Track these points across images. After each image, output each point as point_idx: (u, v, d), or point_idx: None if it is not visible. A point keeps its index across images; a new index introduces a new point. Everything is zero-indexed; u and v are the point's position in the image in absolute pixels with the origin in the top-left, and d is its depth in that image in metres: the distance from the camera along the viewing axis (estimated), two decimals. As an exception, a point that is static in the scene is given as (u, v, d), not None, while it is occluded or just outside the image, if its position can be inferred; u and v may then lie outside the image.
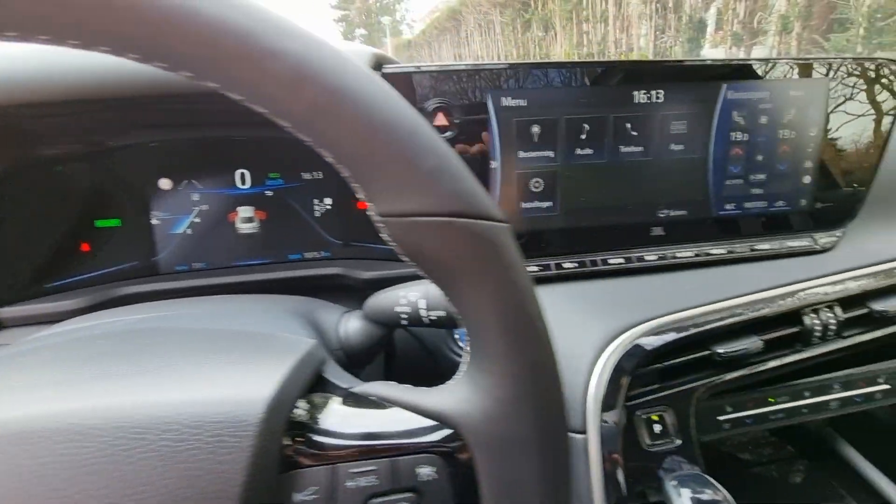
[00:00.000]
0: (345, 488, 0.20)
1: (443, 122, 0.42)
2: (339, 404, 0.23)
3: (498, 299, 0.19)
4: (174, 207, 0.51)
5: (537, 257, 0.47)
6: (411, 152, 0.17)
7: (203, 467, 0.18)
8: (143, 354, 0.23)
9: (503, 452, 0.20)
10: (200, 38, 0.16)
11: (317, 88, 0.16)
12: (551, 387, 0.20)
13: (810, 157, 0.48)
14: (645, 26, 6.22)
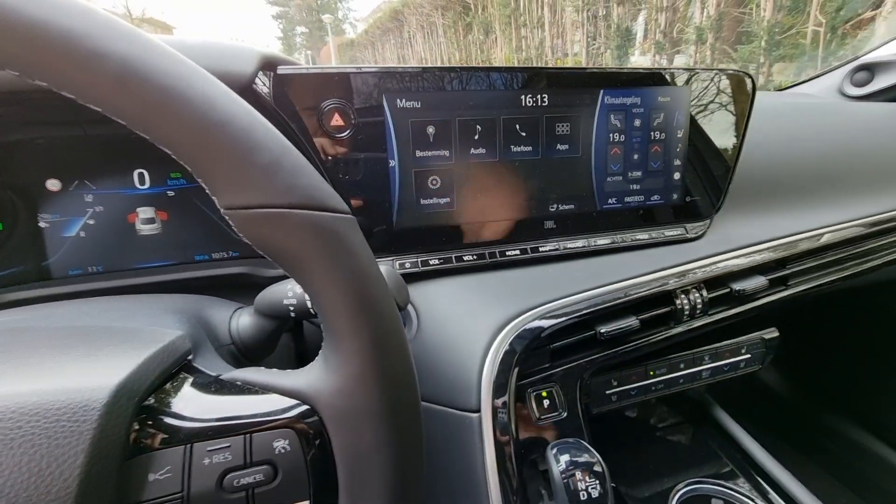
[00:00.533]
0: (200, 465, 0.21)
1: (339, 122, 0.43)
2: (196, 389, 0.24)
3: (340, 284, 0.21)
4: (65, 209, 0.48)
5: (439, 251, 0.49)
6: (247, 148, 0.19)
7: (39, 453, 0.18)
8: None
9: (353, 424, 0.22)
10: (26, 37, 0.17)
11: (144, 88, 0.17)
12: (397, 361, 0.23)
13: (678, 157, 0.54)
14: (579, 33, 6.52)
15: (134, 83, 0.17)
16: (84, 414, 0.19)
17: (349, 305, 0.21)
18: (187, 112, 0.18)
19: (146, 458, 0.21)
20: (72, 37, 0.17)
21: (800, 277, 0.58)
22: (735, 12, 4.49)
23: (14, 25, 0.16)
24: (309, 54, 39.44)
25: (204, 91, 0.19)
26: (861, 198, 0.67)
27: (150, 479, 0.21)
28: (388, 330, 0.22)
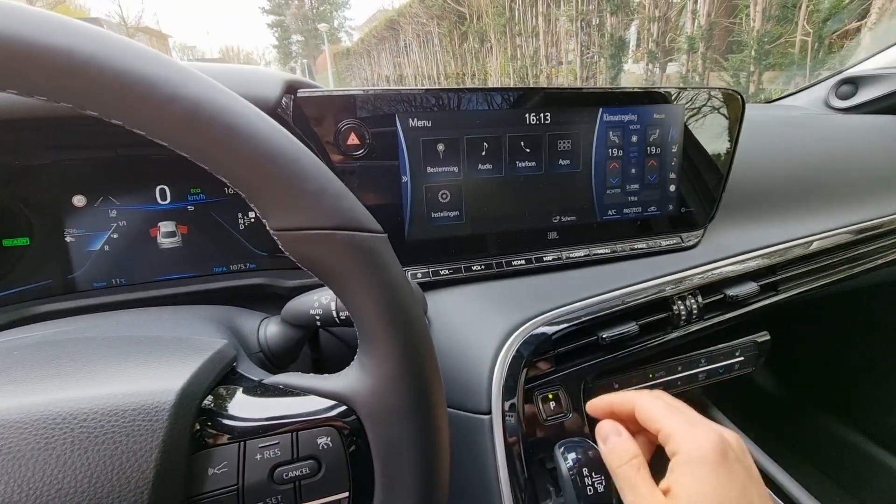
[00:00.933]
0: (253, 461, 0.24)
1: (355, 141, 0.46)
2: (245, 393, 0.26)
3: (376, 295, 0.23)
4: (90, 224, 0.51)
5: (448, 261, 0.52)
6: (296, 177, 0.21)
7: (120, 449, 0.20)
8: (60, 360, 0.25)
9: (387, 420, 0.25)
10: (112, 85, 0.19)
11: (210, 127, 0.20)
12: (426, 364, 0.25)
13: (673, 170, 0.57)
14: (573, 42, 6.62)
15: (201, 123, 0.20)
16: (156, 414, 0.21)
17: (384, 314, 0.23)
18: (245, 148, 0.21)
19: (206, 453, 0.23)
20: (152, 83, 0.19)
21: (789, 283, 0.61)
22: (725, 22, 4.58)
23: (102, 74, 0.19)
24: (305, 62, 39.65)
25: (258, 127, 0.22)
26: (846, 206, 0.70)
27: (209, 473, 0.23)
28: (418, 336, 0.24)
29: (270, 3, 43.44)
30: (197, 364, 0.25)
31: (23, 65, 0.18)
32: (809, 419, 0.97)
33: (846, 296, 0.88)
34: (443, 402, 0.27)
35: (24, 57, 0.18)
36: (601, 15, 6.04)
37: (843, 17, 3.52)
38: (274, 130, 0.22)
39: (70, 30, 0.19)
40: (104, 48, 0.19)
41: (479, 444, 0.43)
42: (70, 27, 0.19)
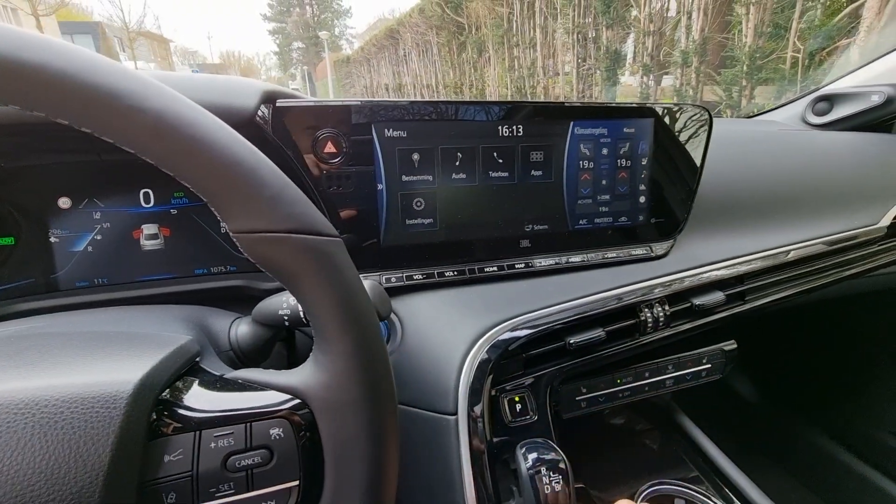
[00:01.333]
0: (207, 449, 0.25)
1: (332, 149, 0.48)
2: (203, 387, 0.28)
3: (329, 295, 0.25)
4: (74, 225, 0.52)
5: (422, 267, 0.53)
6: (253, 184, 0.23)
7: (78, 434, 0.22)
8: (28, 352, 0.26)
9: (337, 414, 0.26)
10: (80, 96, 0.21)
11: (173, 136, 0.22)
12: (376, 361, 0.27)
13: (643, 182, 0.59)
14: (570, 54, 6.70)
15: (165, 133, 0.22)
16: (114, 402, 0.23)
17: (336, 313, 0.25)
18: (205, 156, 0.22)
19: (162, 441, 0.25)
20: (116, 95, 0.21)
21: (757, 293, 0.63)
22: (718, 37, 4.66)
23: (72, 86, 0.21)
24: (305, 69, 39.90)
25: (218, 137, 0.23)
26: (817, 219, 0.73)
27: (165, 460, 0.24)
28: (368, 335, 0.26)
29: (272, 11, 43.80)
30: (158, 358, 0.26)
31: (1, 77, 0.20)
32: (785, 427, 0.99)
33: (822, 306, 0.90)
34: (392, 397, 0.28)
35: (2, 70, 0.20)
36: (597, 28, 6.13)
37: (833, 34, 3.60)
38: (233, 140, 0.24)
39: (44, 46, 0.21)
40: (74, 63, 0.21)
41: (445, 444, 0.44)
42: (44, 44, 0.21)
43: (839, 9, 3.76)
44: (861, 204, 0.76)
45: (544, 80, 7.48)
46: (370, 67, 16.78)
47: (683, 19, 4.90)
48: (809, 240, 0.69)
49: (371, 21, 42.37)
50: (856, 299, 0.84)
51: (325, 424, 0.26)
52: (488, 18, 8.34)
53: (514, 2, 7.52)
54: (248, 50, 75.05)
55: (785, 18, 3.98)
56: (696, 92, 4.88)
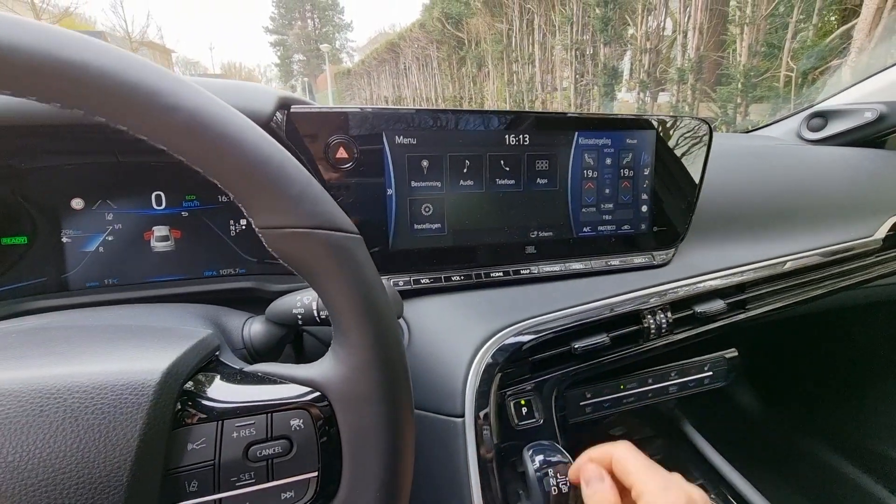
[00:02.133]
0: (229, 438, 0.26)
1: (343, 155, 0.49)
2: (225, 379, 0.29)
3: (349, 289, 0.26)
4: (86, 226, 0.53)
5: (430, 271, 0.54)
6: (280, 181, 0.24)
7: (107, 419, 0.22)
8: (55, 342, 0.27)
9: (355, 406, 0.27)
10: (119, 93, 0.22)
11: (205, 135, 0.23)
12: (394, 355, 0.27)
13: (646, 191, 0.61)
14: (567, 70, 6.82)
15: (198, 131, 0.23)
16: (142, 390, 0.23)
17: (356, 308, 0.26)
18: (235, 154, 0.23)
19: (185, 430, 0.25)
20: (154, 94, 0.22)
21: (757, 301, 0.64)
22: (714, 56, 4.76)
23: (110, 85, 0.22)
24: (305, 81, 40.33)
25: (248, 136, 0.24)
26: (814, 231, 0.74)
27: (188, 448, 0.25)
28: (386, 329, 0.27)
29: (274, 23, 44.35)
30: (182, 349, 0.27)
31: (43, 75, 0.21)
32: (789, 439, 0.99)
33: (822, 317, 0.91)
34: (409, 391, 0.29)
35: (45, 68, 0.21)
36: (595, 45, 6.24)
37: (825, 54, 3.68)
38: (262, 139, 0.25)
39: (85, 45, 0.22)
40: (114, 62, 0.22)
41: (452, 446, 0.44)
42: (85, 43, 0.22)
43: (830, 30, 3.86)
44: (856, 217, 0.78)
45: (542, 94, 7.58)
46: (370, 80, 16.96)
47: (679, 38, 5.00)
48: (807, 251, 0.70)
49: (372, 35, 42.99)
50: (853, 310, 0.85)
51: (343, 416, 0.27)
52: (488, 34, 8.48)
53: (513, 18, 7.65)
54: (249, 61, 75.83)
55: (778, 38, 4.07)
56: (692, 108, 4.97)
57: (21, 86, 0.21)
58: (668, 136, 0.61)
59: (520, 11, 7.41)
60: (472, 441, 0.44)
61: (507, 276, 0.56)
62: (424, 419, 0.46)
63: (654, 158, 0.60)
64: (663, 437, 0.70)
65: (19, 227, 0.50)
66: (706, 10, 4.67)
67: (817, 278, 0.70)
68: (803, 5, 3.82)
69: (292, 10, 43.67)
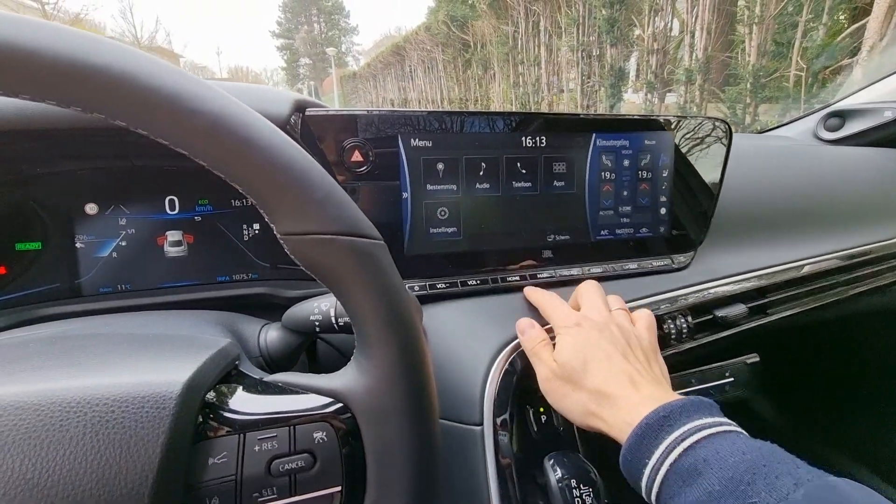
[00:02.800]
0: (251, 452, 0.25)
1: (358, 158, 0.48)
2: (246, 390, 0.28)
3: (374, 298, 0.25)
4: (100, 231, 0.52)
5: (445, 275, 0.53)
6: (303, 187, 0.23)
7: (129, 433, 0.22)
8: (74, 352, 0.26)
9: (381, 419, 0.26)
10: (141, 97, 0.21)
11: (228, 139, 0.22)
12: (419, 366, 0.26)
13: (664, 194, 0.59)
14: (574, 71, 6.80)
15: (221, 136, 0.22)
16: (163, 403, 0.23)
17: (381, 316, 0.25)
18: (259, 159, 0.23)
19: (207, 444, 0.25)
20: (177, 98, 0.22)
21: (779, 306, 0.63)
22: (722, 56, 4.72)
23: (134, 90, 0.21)
24: (312, 84, 40.58)
25: (271, 141, 0.23)
26: (833, 233, 0.72)
27: (209, 463, 0.24)
28: (412, 338, 0.26)
29: (281, 27, 44.70)
30: (202, 359, 0.26)
31: (63, 79, 0.20)
32: (804, 446, 0.97)
33: (843, 322, 0.89)
34: (435, 403, 0.28)
35: (65, 72, 0.20)
36: (601, 46, 6.22)
37: (835, 53, 3.64)
38: (285, 143, 0.24)
39: (107, 49, 0.21)
40: (136, 65, 0.21)
41: (470, 455, 0.43)
42: (107, 46, 0.21)
43: (841, 29, 3.81)
44: (877, 219, 0.76)
45: (549, 96, 7.56)
46: (376, 83, 17.03)
47: (687, 38, 4.97)
48: (828, 253, 0.68)
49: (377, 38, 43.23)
50: (878, 317, 0.83)
51: (368, 429, 0.26)
52: (493, 36, 8.48)
53: (518, 20, 7.65)
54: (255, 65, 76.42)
55: (787, 38, 4.03)
56: (700, 109, 4.93)
57: (41, 90, 0.21)
58: (686, 136, 0.59)
59: (525, 13, 7.40)
60: (492, 450, 0.43)
61: (523, 280, 0.55)
62: (442, 427, 0.45)
63: (672, 160, 0.59)
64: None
65: (33, 232, 0.50)
66: (713, 10, 4.64)
67: (839, 282, 0.68)
68: (813, 4, 3.78)
69: (298, 14, 43.98)
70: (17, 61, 0.19)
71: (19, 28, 0.19)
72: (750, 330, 0.61)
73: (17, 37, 0.19)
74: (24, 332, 0.34)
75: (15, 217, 0.49)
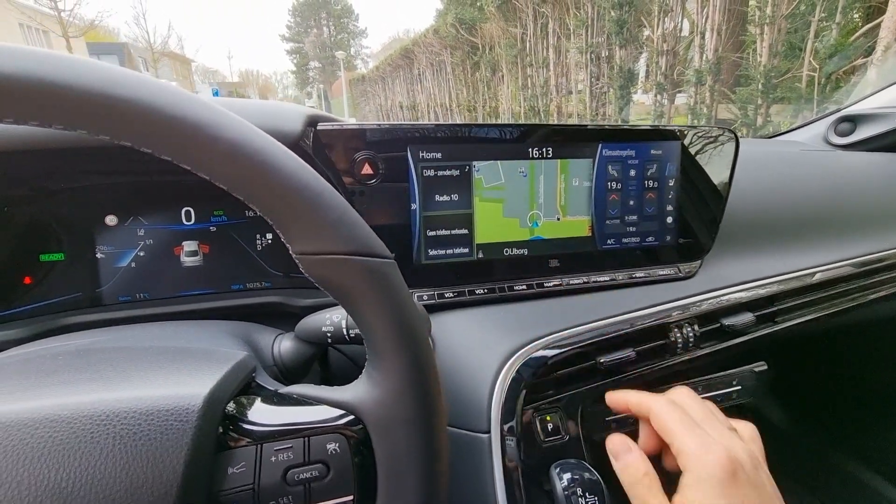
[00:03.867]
0: (268, 462, 0.26)
1: (369, 170, 0.49)
2: (263, 402, 0.29)
3: (385, 314, 0.26)
4: (119, 242, 0.54)
5: (454, 285, 0.54)
6: (318, 209, 0.25)
7: (154, 445, 0.23)
8: (101, 365, 0.28)
9: (391, 430, 0.27)
10: (165, 126, 0.23)
11: (246, 164, 0.23)
12: (429, 379, 0.27)
13: (671, 203, 0.60)
14: (583, 73, 6.78)
15: (240, 161, 0.23)
16: (186, 415, 0.24)
17: (392, 332, 0.26)
18: (276, 183, 0.24)
19: (227, 454, 0.26)
20: (198, 126, 0.23)
21: (787, 314, 0.63)
22: (733, 57, 4.68)
23: (158, 120, 0.22)
24: (321, 87, 40.93)
25: (287, 165, 0.25)
26: (844, 240, 0.72)
27: (229, 472, 0.25)
28: (422, 352, 0.27)
29: (290, 31, 45.11)
30: (222, 372, 0.28)
31: (95, 112, 0.22)
32: (816, 452, 0.96)
33: (855, 329, 0.89)
34: (444, 415, 0.29)
35: (97, 105, 0.21)
36: (610, 48, 6.19)
37: (849, 54, 3.59)
38: (300, 167, 0.25)
39: (132, 81, 0.22)
40: (160, 97, 0.23)
41: (478, 462, 0.44)
42: (131, 79, 0.23)
43: (854, 28, 3.76)
44: (889, 225, 0.76)
45: (557, 98, 7.55)
46: (385, 86, 17.12)
47: (697, 39, 4.93)
48: (838, 261, 0.68)
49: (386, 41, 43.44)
50: (891, 323, 0.82)
51: (378, 440, 0.27)
52: (502, 39, 8.49)
53: (527, 22, 7.65)
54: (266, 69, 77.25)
55: (800, 38, 3.98)
56: (711, 110, 4.88)
57: (73, 121, 0.22)
58: (693, 146, 0.60)
59: (534, 16, 7.40)
60: (499, 458, 0.44)
61: (530, 289, 0.56)
62: (450, 434, 0.46)
63: (679, 169, 0.59)
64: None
65: (56, 244, 0.52)
66: (724, 11, 4.60)
67: (849, 289, 0.68)
68: (825, 3, 3.73)
69: (308, 18, 44.42)
70: (54, 96, 0.21)
71: (58, 65, 0.20)
72: (758, 338, 0.61)
73: (54, 73, 0.21)
74: (54, 342, 0.35)
75: (38, 230, 0.51)
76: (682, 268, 0.61)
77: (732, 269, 0.64)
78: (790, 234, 0.71)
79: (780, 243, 0.69)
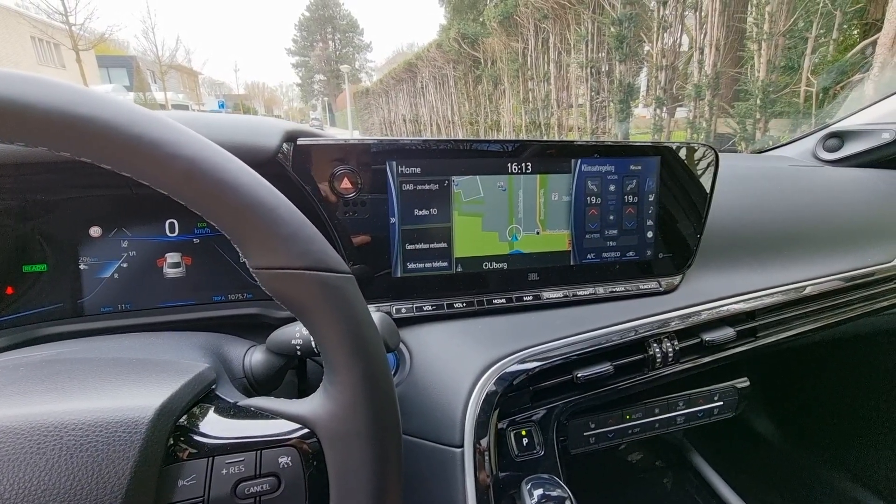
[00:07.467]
0: (219, 475, 0.26)
1: (348, 185, 0.50)
2: (218, 414, 0.29)
3: (339, 329, 0.26)
4: (103, 253, 0.55)
5: (432, 298, 0.55)
6: (272, 224, 0.25)
7: (101, 456, 0.23)
8: (59, 377, 0.28)
9: (344, 444, 0.27)
10: (123, 144, 0.24)
11: (202, 181, 0.24)
12: (383, 393, 0.28)
13: (651, 218, 0.60)
14: (583, 87, 6.83)
15: (195, 178, 0.24)
16: (135, 427, 0.24)
17: (346, 346, 0.26)
18: (230, 199, 0.25)
19: (177, 466, 0.26)
20: (155, 145, 0.24)
21: (768, 329, 0.63)
22: (731, 72, 4.71)
23: (116, 138, 0.23)
24: (325, 100, 41.42)
25: (242, 181, 0.25)
26: (829, 256, 0.72)
27: (179, 485, 0.25)
28: (376, 367, 0.27)
29: (296, 45, 45.81)
30: (177, 385, 0.28)
31: (55, 129, 0.22)
32: (803, 465, 0.95)
33: (842, 343, 0.88)
34: (397, 429, 0.29)
35: (56, 123, 0.22)
36: (610, 62, 6.26)
37: (846, 69, 3.61)
38: (256, 183, 0.26)
39: (92, 100, 0.23)
40: (119, 115, 0.24)
41: (450, 476, 0.44)
42: (92, 98, 0.23)
43: (852, 44, 3.79)
44: (873, 241, 0.76)
45: (558, 112, 7.60)
46: (388, 99, 17.30)
47: (696, 54, 4.98)
48: (821, 276, 0.68)
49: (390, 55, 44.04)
50: (874, 337, 0.82)
51: (331, 454, 0.27)
52: (504, 53, 8.59)
53: (528, 37, 7.75)
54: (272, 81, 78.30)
55: (797, 54, 4.01)
56: (710, 124, 4.91)
57: (33, 138, 0.23)
58: (673, 161, 0.60)
59: (535, 31, 7.50)
60: (471, 472, 0.44)
61: (509, 302, 0.56)
62: (423, 448, 0.46)
63: (658, 184, 0.60)
64: (670, 468, 0.68)
65: (39, 255, 0.53)
66: (723, 27, 4.65)
67: (830, 305, 0.68)
68: (822, 20, 3.77)
69: (314, 32, 45.12)
70: (14, 115, 0.21)
71: (21, 84, 0.21)
72: (742, 353, 0.61)
73: (15, 92, 0.21)
74: (16, 356, 0.36)
75: (22, 241, 0.52)
76: (663, 282, 0.62)
77: (714, 283, 0.64)
78: (774, 248, 0.71)
79: (764, 258, 0.69)
